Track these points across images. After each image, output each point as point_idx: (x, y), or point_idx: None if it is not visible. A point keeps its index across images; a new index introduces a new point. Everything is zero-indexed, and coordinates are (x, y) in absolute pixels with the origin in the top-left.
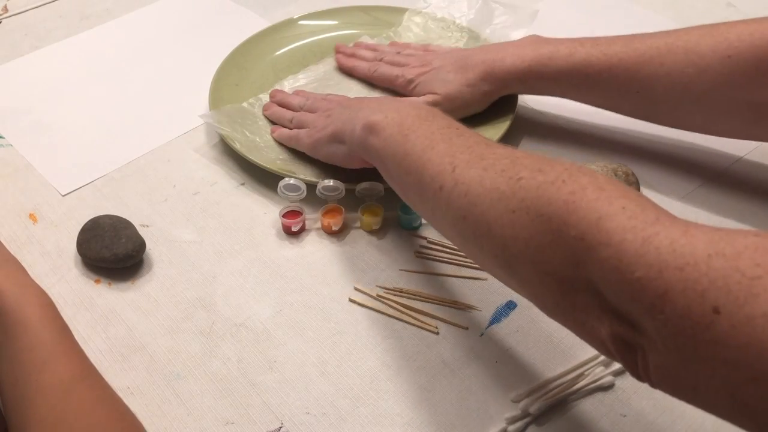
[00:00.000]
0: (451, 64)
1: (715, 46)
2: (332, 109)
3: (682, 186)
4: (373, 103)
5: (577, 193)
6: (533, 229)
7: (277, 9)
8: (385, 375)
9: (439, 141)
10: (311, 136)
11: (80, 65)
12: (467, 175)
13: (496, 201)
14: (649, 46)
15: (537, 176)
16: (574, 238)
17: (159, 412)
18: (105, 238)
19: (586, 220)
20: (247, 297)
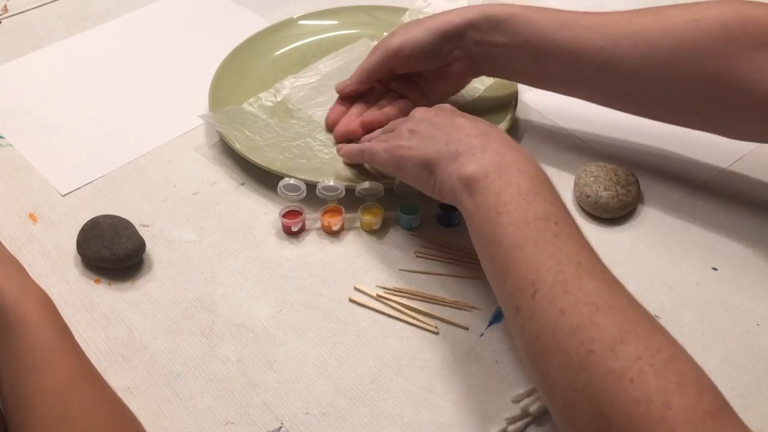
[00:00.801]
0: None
1: (684, 10)
2: (417, 124)
3: (682, 186)
4: (475, 140)
5: (641, 405)
6: (592, 423)
7: (277, 9)
8: (385, 375)
9: (530, 240)
10: (392, 152)
11: (80, 65)
12: (544, 311)
13: (564, 368)
14: (618, 10)
15: (608, 359)
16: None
17: (159, 412)
18: (105, 238)
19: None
20: (247, 297)
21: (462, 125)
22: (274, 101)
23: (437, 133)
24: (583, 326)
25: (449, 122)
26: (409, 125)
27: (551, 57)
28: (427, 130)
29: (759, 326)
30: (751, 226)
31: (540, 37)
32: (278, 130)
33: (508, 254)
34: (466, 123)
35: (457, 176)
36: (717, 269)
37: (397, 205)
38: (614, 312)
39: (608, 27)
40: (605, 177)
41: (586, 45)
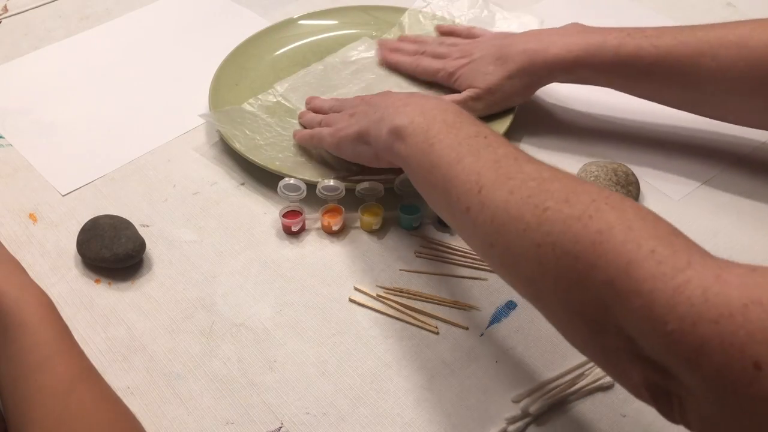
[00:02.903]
0: (491, 55)
1: (767, 40)
2: (356, 106)
3: (682, 186)
4: (399, 102)
5: (604, 233)
6: (560, 267)
7: (277, 9)
8: (385, 375)
9: (465, 154)
10: (334, 135)
11: (80, 65)
12: (493, 198)
13: (522, 232)
14: (699, 39)
15: (563, 208)
16: (602, 283)
17: (159, 412)
18: (105, 238)
19: (614, 265)
20: (247, 297)
21: (391, 95)
22: (273, 101)
23: (369, 109)
24: (534, 194)
25: (381, 98)
26: (350, 110)
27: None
28: (362, 109)
29: None
30: (751, 226)
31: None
32: (278, 129)
33: (448, 171)
34: (397, 94)
35: (386, 131)
36: None
37: (397, 205)
38: (559, 179)
39: (692, 65)
40: (605, 177)
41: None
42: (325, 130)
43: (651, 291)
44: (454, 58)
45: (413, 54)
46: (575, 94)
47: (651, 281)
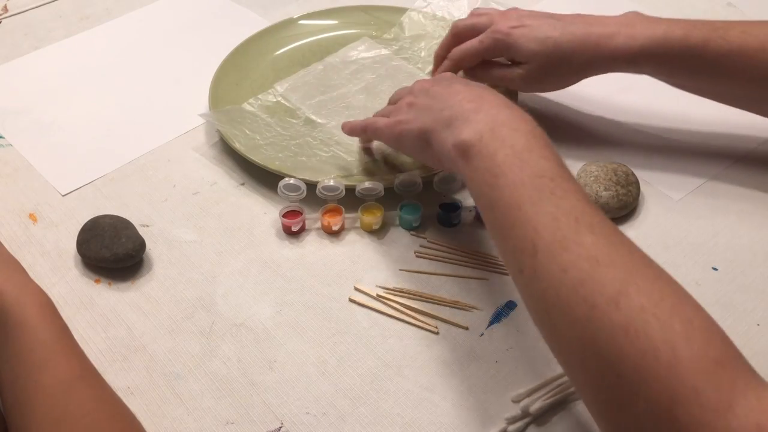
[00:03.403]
0: (549, 25)
1: None
2: (417, 95)
3: (682, 186)
4: (468, 103)
5: (648, 355)
6: (603, 380)
7: (277, 9)
8: (385, 375)
9: (527, 199)
10: (393, 127)
11: (80, 65)
12: (546, 270)
13: (570, 324)
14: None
15: (612, 313)
16: (644, 412)
17: (159, 412)
18: (105, 238)
19: (656, 400)
20: (247, 297)
21: (457, 91)
22: (273, 101)
23: (433, 102)
24: (585, 282)
25: (445, 90)
26: (408, 99)
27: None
28: (424, 101)
29: (759, 326)
30: (751, 226)
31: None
32: (278, 129)
33: (506, 215)
34: (462, 88)
35: (452, 143)
36: (717, 269)
37: (397, 205)
38: (615, 264)
39: (761, 58)
40: (605, 177)
41: (737, 75)
42: (381, 121)
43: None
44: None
45: None
46: (575, 94)
47: (693, 427)
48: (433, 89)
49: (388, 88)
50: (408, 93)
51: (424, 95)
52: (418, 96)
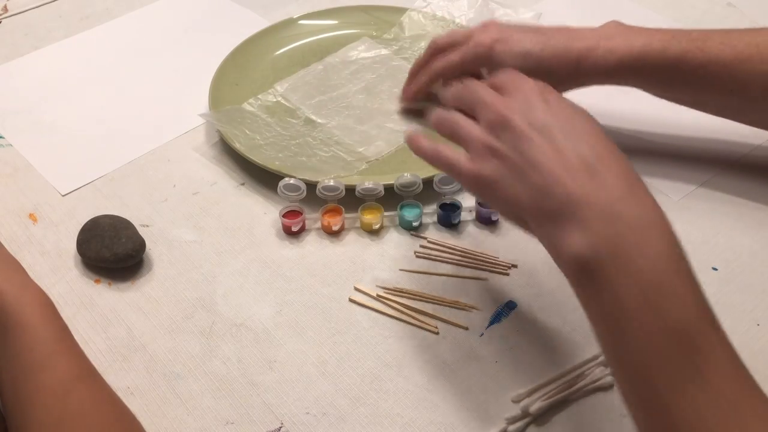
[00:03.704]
0: (530, 40)
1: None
2: (499, 139)
3: (682, 186)
4: (570, 178)
5: None
6: None
7: (277, 9)
8: (385, 375)
9: (662, 378)
10: (474, 178)
11: (80, 65)
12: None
13: None
14: (747, 44)
15: None
16: None
17: (159, 412)
18: (105, 238)
19: None
20: (247, 297)
21: (560, 150)
22: (273, 101)
23: (524, 165)
24: None
25: (543, 142)
26: (489, 140)
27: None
28: (511, 157)
29: (759, 326)
30: (751, 226)
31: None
32: (278, 129)
33: (635, 387)
34: (567, 146)
35: (556, 248)
36: (717, 269)
37: (397, 205)
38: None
39: (739, 69)
40: None
41: (716, 86)
42: (464, 162)
43: None
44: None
45: None
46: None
47: None
48: (519, 130)
49: (388, 88)
50: (487, 125)
51: (510, 143)
52: (502, 138)
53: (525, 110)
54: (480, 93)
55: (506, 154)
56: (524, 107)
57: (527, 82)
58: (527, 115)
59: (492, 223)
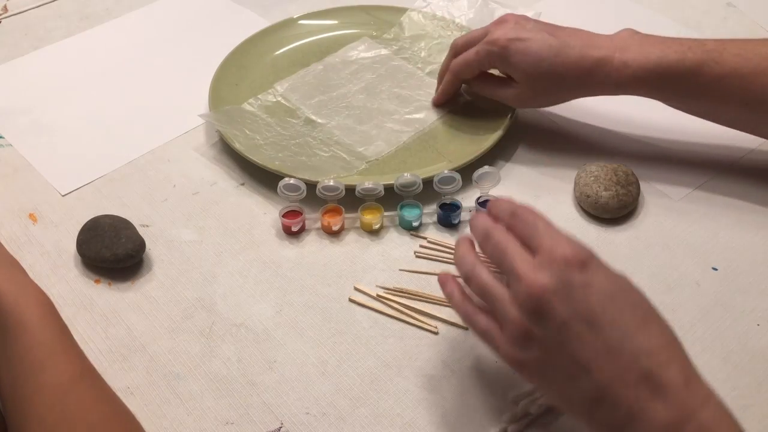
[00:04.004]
0: (545, 45)
1: None
2: (530, 320)
3: (682, 186)
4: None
5: None
6: None
7: (277, 9)
8: (385, 375)
9: None
10: (513, 362)
11: (80, 65)
12: None
13: None
14: (763, 57)
15: None
16: None
17: (159, 412)
18: (105, 238)
19: None
20: (247, 297)
21: (612, 348)
22: (273, 101)
23: (572, 366)
24: None
25: (591, 337)
26: (522, 322)
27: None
28: (557, 352)
29: (759, 326)
30: (751, 226)
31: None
32: (278, 129)
33: None
34: (618, 340)
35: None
36: (717, 269)
37: (397, 205)
38: None
39: (755, 83)
40: (605, 177)
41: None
42: (501, 341)
43: None
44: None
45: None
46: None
47: None
48: (561, 321)
49: (388, 88)
50: (522, 305)
51: (551, 334)
52: (541, 325)
53: (564, 292)
54: (509, 256)
55: (549, 346)
56: (562, 287)
57: (562, 245)
58: (567, 298)
59: None
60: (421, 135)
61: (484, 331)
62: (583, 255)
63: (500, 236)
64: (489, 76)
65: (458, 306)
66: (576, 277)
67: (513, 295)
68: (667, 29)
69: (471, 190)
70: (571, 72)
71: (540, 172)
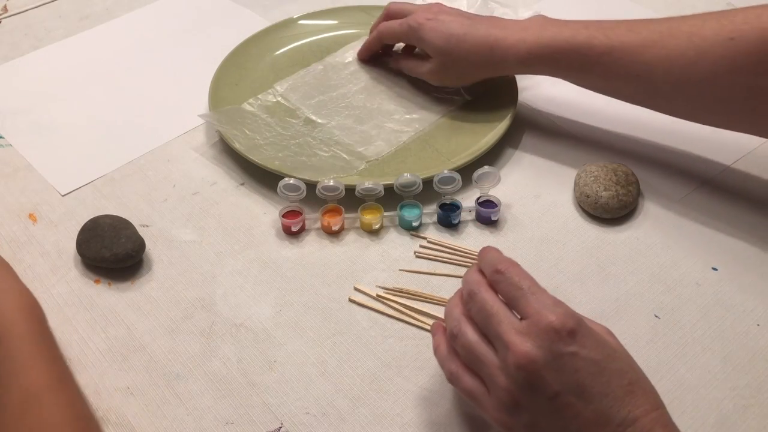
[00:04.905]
0: (457, 23)
1: (719, 29)
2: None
3: (682, 186)
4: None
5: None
6: None
7: (277, 9)
8: (385, 375)
9: None
10: (502, 426)
11: (80, 65)
12: None
13: None
14: (651, 30)
15: None
16: None
17: (159, 412)
18: (105, 238)
19: None
20: (247, 297)
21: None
22: (273, 101)
23: (553, 428)
24: None
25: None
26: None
27: (593, 74)
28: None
29: (759, 326)
30: (751, 226)
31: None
32: (278, 129)
33: None
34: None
35: None
36: (717, 269)
37: (397, 205)
38: None
39: (643, 55)
40: (605, 177)
41: (621, 71)
42: (489, 405)
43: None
44: (420, 12)
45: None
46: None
47: None
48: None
49: (387, 88)
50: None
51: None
52: (531, 395)
53: (554, 365)
54: (495, 320)
55: (538, 413)
56: (552, 360)
57: (549, 312)
58: (557, 371)
59: (492, 223)
60: (421, 135)
61: (470, 392)
62: (570, 324)
63: (485, 296)
64: (410, 54)
65: (443, 362)
66: (565, 348)
67: (501, 361)
68: None
69: (471, 190)
70: (475, 48)
71: (540, 172)
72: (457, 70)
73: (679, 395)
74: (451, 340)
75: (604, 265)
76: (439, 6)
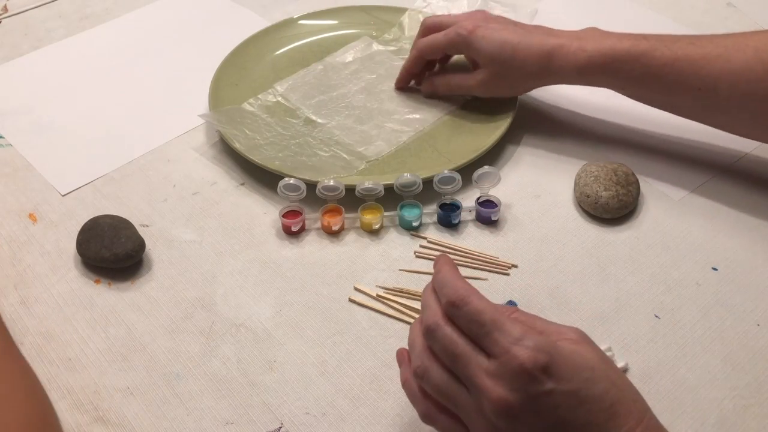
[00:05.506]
0: (509, 31)
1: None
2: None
3: (682, 186)
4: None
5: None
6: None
7: (277, 9)
8: (385, 375)
9: None
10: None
11: (80, 65)
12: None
13: None
14: (716, 44)
15: None
16: None
17: (159, 413)
18: (105, 238)
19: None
20: (247, 297)
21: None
22: (273, 101)
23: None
24: None
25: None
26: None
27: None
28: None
29: (759, 326)
30: (751, 226)
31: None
32: (278, 128)
33: None
34: None
35: None
36: (717, 269)
37: (397, 205)
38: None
39: (707, 67)
40: (605, 177)
41: (683, 84)
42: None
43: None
44: (467, 20)
45: None
46: (576, 94)
47: None
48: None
49: (388, 88)
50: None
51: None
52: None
53: (531, 407)
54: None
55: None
56: (528, 402)
57: (517, 349)
58: (536, 412)
59: (492, 223)
60: (421, 135)
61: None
62: (542, 359)
63: (445, 333)
64: (452, 70)
65: (414, 401)
66: (540, 388)
67: (476, 403)
68: (667, 29)
69: (471, 190)
70: (532, 56)
71: (540, 172)
72: (510, 79)
73: (679, 395)
74: (417, 378)
75: (604, 265)
76: (483, 13)
